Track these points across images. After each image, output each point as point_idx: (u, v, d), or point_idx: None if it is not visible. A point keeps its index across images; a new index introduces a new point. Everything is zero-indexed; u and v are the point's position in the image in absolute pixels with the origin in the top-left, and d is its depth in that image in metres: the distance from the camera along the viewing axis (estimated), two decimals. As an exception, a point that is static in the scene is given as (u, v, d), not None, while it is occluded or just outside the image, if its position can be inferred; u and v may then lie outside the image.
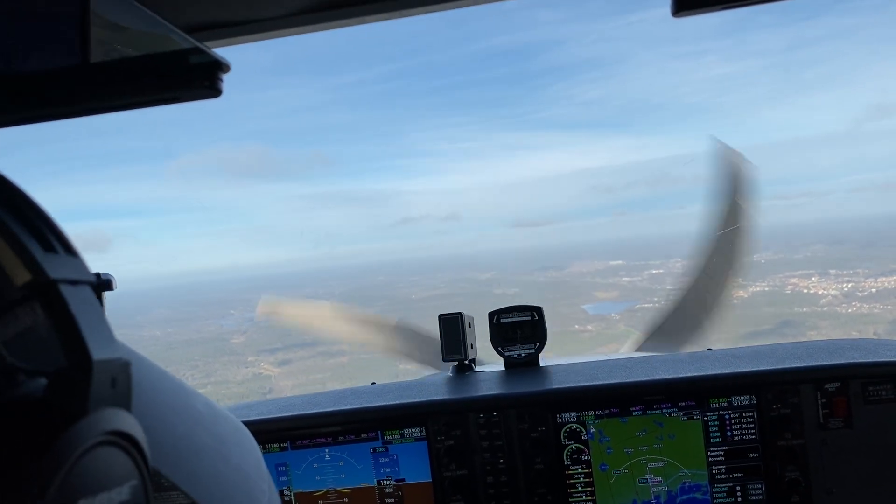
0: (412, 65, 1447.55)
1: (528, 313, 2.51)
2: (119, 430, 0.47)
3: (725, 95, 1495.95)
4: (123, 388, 0.49)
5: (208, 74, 1.01)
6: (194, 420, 0.76)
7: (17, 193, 0.49)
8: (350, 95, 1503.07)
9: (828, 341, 2.39)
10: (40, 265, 0.45)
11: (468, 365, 2.62)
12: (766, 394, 2.11)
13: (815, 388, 2.09)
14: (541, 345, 2.53)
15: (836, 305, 43.38)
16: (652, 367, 2.31)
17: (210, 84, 1.01)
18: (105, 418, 0.45)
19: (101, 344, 0.46)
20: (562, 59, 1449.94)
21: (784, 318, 40.69)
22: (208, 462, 0.74)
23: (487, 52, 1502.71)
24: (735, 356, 2.33)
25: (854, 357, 2.14)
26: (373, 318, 4.30)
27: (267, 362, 47.84)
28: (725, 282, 3.79)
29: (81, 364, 0.44)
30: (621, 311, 54.38)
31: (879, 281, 46.90)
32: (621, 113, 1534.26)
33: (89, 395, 0.44)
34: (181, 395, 0.77)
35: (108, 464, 0.46)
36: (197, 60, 1.05)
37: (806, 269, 53.97)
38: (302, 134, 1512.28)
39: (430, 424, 2.25)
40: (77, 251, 0.50)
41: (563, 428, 2.21)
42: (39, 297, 0.45)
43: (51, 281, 0.45)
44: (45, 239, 0.47)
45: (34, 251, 0.45)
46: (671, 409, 2.17)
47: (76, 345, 0.44)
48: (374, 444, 2.28)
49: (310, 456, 2.29)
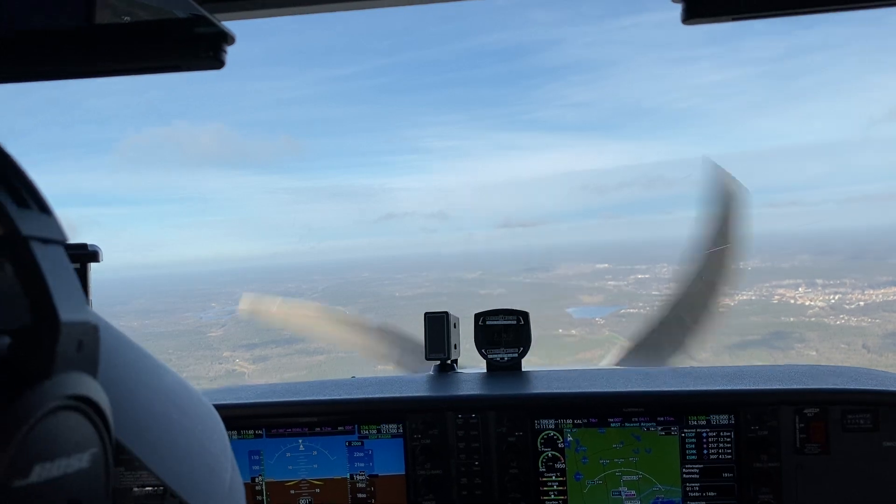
0: (403, 60, 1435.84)
1: (514, 317, 2.51)
2: (82, 394, 0.45)
3: (717, 102, 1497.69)
4: (90, 353, 0.47)
5: (213, 45, 1.10)
6: (162, 394, 0.74)
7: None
8: (339, 89, 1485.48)
9: (810, 366, 2.39)
10: (13, 220, 0.43)
11: (450, 365, 2.61)
12: (745, 414, 2.11)
13: (795, 411, 2.09)
14: (524, 350, 2.53)
15: (824, 317, 43.13)
16: (633, 380, 2.30)
17: (214, 55, 1.10)
18: (69, 382, 0.44)
19: (70, 306, 0.44)
20: (555, 59, 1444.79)
21: (772, 329, 40.34)
22: (173, 438, 0.72)
23: (480, 50, 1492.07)
24: (717, 374, 2.33)
25: (835, 383, 2.14)
26: (354, 319, 4.31)
27: (242, 358, 47.09)
28: (711, 301, 3.77)
29: (48, 324, 0.43)
30: (606, 315, 54.05)
31: (867, 293, 46.77)
32: (612, 116, 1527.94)
33: (54, 357, 0.43)
34: (150, 368, 0.75)
35: (68, 429, 0.44)
36: (203, 30, 1.13)
37: (793, 279, 53.79)
38: (287, 126, 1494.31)
39: (408, 421, 2.23)
40: (51, 209, 0.48)
41: (540, 434, 2.21)
42: (9, 253, 0.43)
43: (22, 237, 0.43)
44: (18, 194, 0.45)
45: (7, 206, 0.43)
46: (649, 424, 2.17)
47: (44, 304, 0.43)
48: (350, 437, 2.26)
49: (283, 445, 2.27)
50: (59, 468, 0.42)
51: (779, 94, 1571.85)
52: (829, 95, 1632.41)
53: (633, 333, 3.85)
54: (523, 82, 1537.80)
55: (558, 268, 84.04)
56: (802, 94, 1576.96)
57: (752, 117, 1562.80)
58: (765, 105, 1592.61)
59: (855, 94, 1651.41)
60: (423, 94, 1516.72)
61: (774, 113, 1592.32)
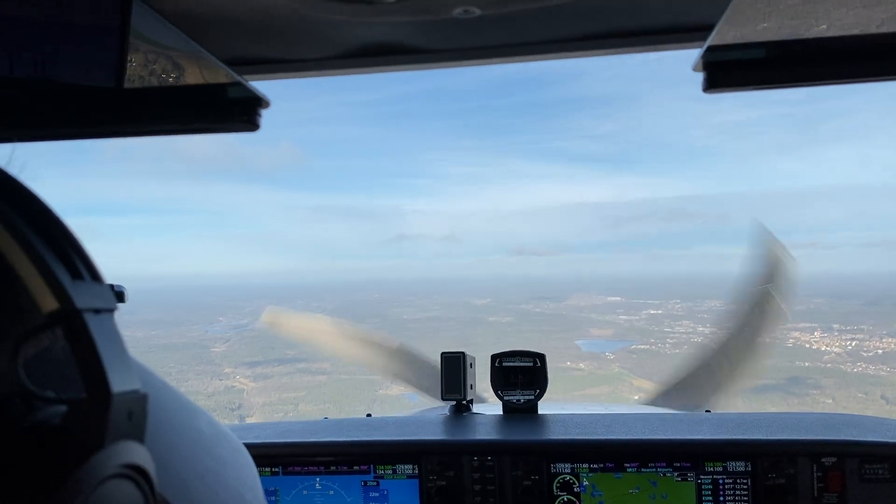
0: (425, 87, 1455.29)
1: (531, 359, 2.52)
2: (133, 463, 0.46)
3: (739, 141, 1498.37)
4: (139, 421, 0.48)
5: (248, 109, 1.19)
6: (196, 441, 0.74)
7: (49, 216, 0.48)
8: (360, 113, 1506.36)
9: (827, 415, 2.41)
10: (68, 293, 0.44)
11: (466, 405, 2.62)
12: (762, 462, 2.10)
13: (812, 461, 2.08)
14: (541, 392, 2.54)
15: (840, 363, 42.04)
16: (650, 426, 2.31)
17: (249, 119, 1.19)
18: (121, 451, 0.45)
19: (121, 375, 0.45)
20: (576, 91, 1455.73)
21: (786, 374, 39.34)
22: (208, 487, 0.72)
23: (502, 80, 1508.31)
24: (734, 421, 2.33)
25: (853, 434, 2.14)
26: (375, 338, 4.26)
27: (244, 375, 46.71)
28: (750, 355, 3.70)
29: (101, 396, 0.44)
30: (616, 350, 53.20)
31: (885, 341, 45.68)
32: (632, 149, 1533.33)
33: (107, 428, 0.44)
34: (185, 415, 0.75)
35: (119, 497, 0.45)
36: (237, 95, 1.22)
37: (809, 322, 52.80)
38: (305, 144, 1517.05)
39: (424, 463, 2.24)
40: (102, 277, 0.49)
41: (556, 478, 2.20)
42: (63, 326, 0.44)
43: (76, 310, 0.44)
44: (73, 265, 0.46)
45: (62, 278, 0.44)
46: (666, 469, 2.16)
47: (97, 376, 0.44)
48: (366, 477, 2.27)
49: (300, 483, 2.29)
50: None
51: (802, 137, 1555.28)
52: (852, 140, 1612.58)
53: (671, 374, 3.85)
54: (543, 112, 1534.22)
55: (569, 298, 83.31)
56: (825, 138, 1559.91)
57: (774, 157, 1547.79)
58: (787, 146, 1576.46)
59: (878, 140, 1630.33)
60: (442, 120, 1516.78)
61: (797, 154, 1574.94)
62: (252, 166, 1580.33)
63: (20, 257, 0.44)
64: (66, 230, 0.48)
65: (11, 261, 0.44)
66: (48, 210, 0.48)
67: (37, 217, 0.46)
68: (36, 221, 0.46)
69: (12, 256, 0.44)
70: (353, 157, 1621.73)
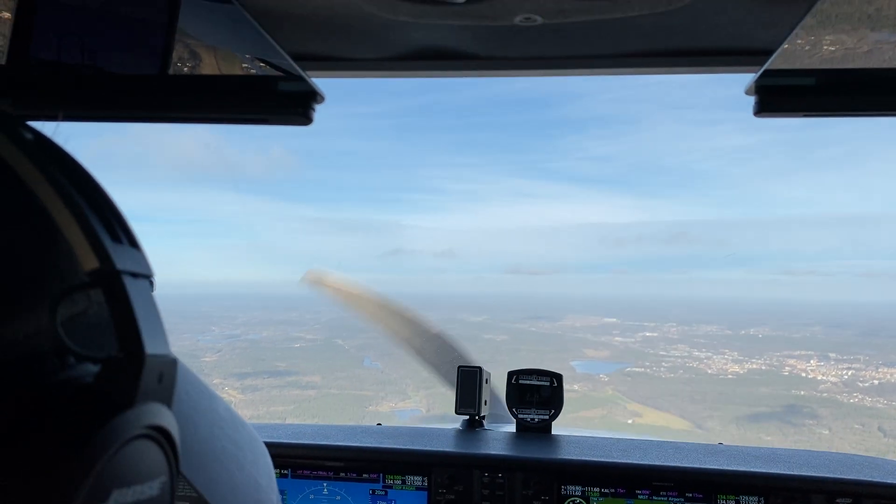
0: (426, 102, 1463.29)
1: (548, 378, 2.52)
2: (160, 424, 0.47)
3: (738, 166, 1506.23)
4: (168, 385, 0.49)
5: (304, 103, 1.18)
6: (215, 423, 0.76)
7: (93, 184, 0.50)
8: (359, 125, 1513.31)
9: (844, 455, 2.37)
10: (109, 254, 0.45)
11: (479, 421, 2.60)
12: (775, 498, 2.09)
13: (827, 500, 2.07)
14: (556, 412, 2.53)
15: (837, 393, 41.61)
16: (665, 454, 2.30)
17: (303, 112, 1.18)
18: (149, 412, 0.46)
19: (155, 339, 0.46)
20: (577, 112, 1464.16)
21: (783, 402, 38.90)
22: (225, 468, 0.74)
23: (504, 99, 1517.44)
24: (748, 455, 2.31)
25: (870, 475, 2.12)
26: (416, 318, 4.13)
27: (232, 387, 46.20)
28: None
29: (135, 356, 0.45)
30: (611, 373, 52.79)
31: (881, 371, 45.41)
32: (631, 171, 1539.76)
33: (138, 388, 0.45)
34: (205, 397, 0.77)
35: (144, 457, 0.46)
36: (294, 88, 1.21)
37: (805, 350, 52.44)
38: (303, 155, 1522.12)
39: (434, 475, 2.24)
40: (140, 245, 0.50)
41: (566, 500, 2.20)
42: (103, 286, 0.45)
43: (116, 271, 0.45)
44: (113, 230, 0.48)
45: (104, 240, 0.46)
46: (678, 499, 2.16)
47: (132, 336, 0.45)
48: (375, 485, 2.27)
49: (308, 487, 2.28)
50: (133, 495, 0.44)
51: (800, 163, 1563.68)
52: (851, 168, 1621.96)
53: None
54: (544, 132, 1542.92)
55: (565, 318, 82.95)
56: (824, 165, 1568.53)
57: (772, 183, 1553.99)
58: (786, 172, 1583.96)
59: (878, 168, 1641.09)
60: (442, 135, 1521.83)
61: (795, 181, 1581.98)
62: (246, 176, 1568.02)
63: (65, 216, 0.45)
64: (107, 197, 0.49)
65: (56, 219, 0.45)
66: (91, 177, 0.50)
67: (81, 182, 0.48)
68: (81, 186, 0.47)
69: (57, 215, 0.45)
70: (349, 171, 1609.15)
